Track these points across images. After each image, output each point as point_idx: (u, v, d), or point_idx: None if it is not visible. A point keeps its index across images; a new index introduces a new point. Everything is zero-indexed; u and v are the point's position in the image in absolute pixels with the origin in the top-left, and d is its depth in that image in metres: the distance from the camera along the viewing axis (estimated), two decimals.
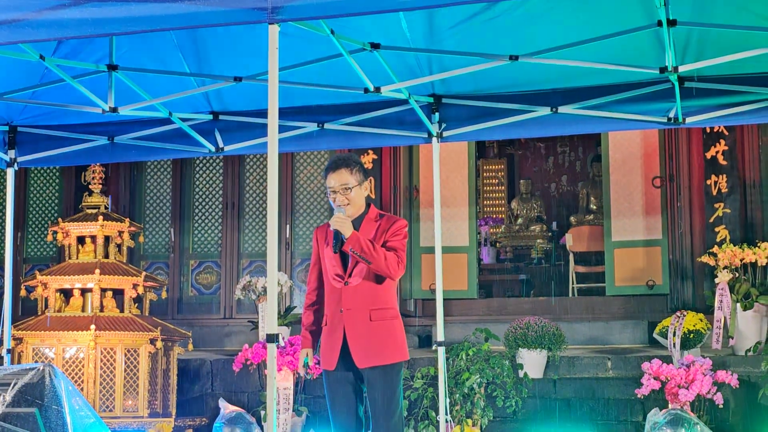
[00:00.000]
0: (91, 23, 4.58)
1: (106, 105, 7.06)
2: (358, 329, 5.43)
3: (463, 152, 12.06)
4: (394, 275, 5.42)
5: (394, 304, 5.57)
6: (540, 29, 6.57)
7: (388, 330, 5.47)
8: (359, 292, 5.45)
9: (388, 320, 5.49)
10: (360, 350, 5.42)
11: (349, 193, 5.50)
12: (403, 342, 5.57)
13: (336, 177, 5.53)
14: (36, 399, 5.26)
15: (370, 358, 5.43)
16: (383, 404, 5.44)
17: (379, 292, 5.47)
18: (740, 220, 10.47)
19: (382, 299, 5.48)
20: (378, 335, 5.43)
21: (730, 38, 6.31)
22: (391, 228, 5.49)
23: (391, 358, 5.47)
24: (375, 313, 5.44)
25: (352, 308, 5.44)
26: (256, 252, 12.01)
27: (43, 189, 12.70)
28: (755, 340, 9.14)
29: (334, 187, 5.52)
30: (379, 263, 5.32)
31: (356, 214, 5.55)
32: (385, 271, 5.35)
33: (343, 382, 5.53)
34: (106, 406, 8.70)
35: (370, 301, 5.45)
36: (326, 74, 7.08)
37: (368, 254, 5.29)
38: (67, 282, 9.03)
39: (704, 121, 7.36)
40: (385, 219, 5.56)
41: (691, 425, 7.65)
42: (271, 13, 4.48)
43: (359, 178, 5.55)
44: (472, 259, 11.98)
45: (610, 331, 10.97)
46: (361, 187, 5.56)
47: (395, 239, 5.46)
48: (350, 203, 5.51)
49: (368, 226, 5.51)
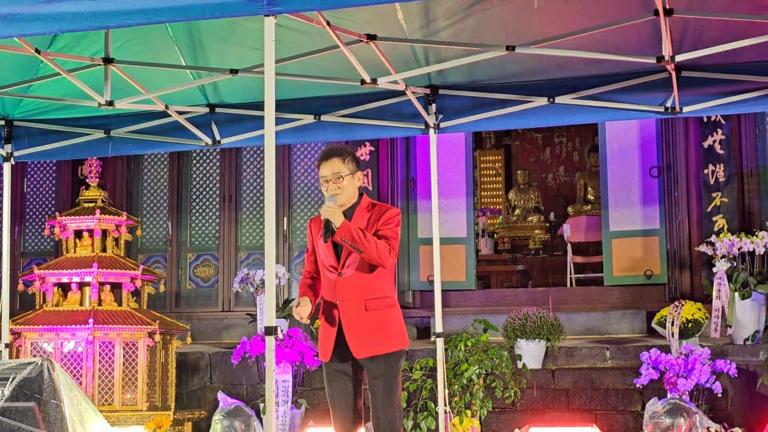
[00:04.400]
0: (86, 16, 4.57)
1: (102, 98, 7.06)
2: (353, 319, 5.41)
3: (460, 143, 12.05)
4: (386, 263, 5.40)
5: (390, 293, 5.55)
6: (536, 19, 6.56)
7: (384, 319, 5.45)
8: (354, 282, 5.43)
9: (384, 309, 5.46)
10: (356, 340, 5.41)
11: (341, 182, 5.50)
12: (401, 330, 5.54)
13: (328, 166, 5.53)
14: (34, 393, 5.26)
15: (367, 348, 5.41)
16: (381, 394, 5.43)
17: (374, 281, 5.45)
18: (738, 209, 10.47)
19: (377, 288, 5.46)
20: (374, 324, 5.41)
21: (727, 27, 6.30)
22: (383, 216, 5.48)
23: (389, 347, 5.45)
24: (370, 302, 5.43)
25: (347, 299, 5.43)
26: (254, 244, 12.00)
27: (40, 183, 12.68)
28: (753, 328, 9.15)
29: (326, 176, 5.53)
30: (370, 252, 5.30)
31: (348, 203, 5.54)
32: (376, 259, 5.34)
33: (341, 373, 5.52)
34: (105, 399, 8.70)
35: (366, 291, 5.43)
36: (323, 66, 7.07)
37: (359, 243, 5.27)
38: (65, 276, 9.03)
39: (701, 111, 7.37)
40: (377, 208, 5.56)
41: (690, 414, 7.66)
42: (267, 4, 4.47)
43: (351, 167, 5.55)
44: (470, 251, 11.97)
45: (609, 321, 10.97)
46: (354, 177, 5.56)
47: (387, 227, 5.44)
48: (342, 192, 5.50)
49: (360, 215, 5.50)
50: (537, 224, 16.39)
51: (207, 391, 9.85)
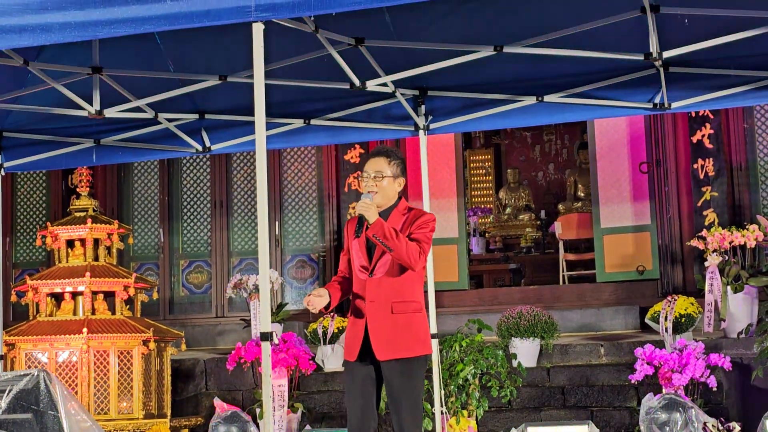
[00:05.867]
0: (74, 27, 4.56)
1: (91, 108, 7.04)
2: (379, 321, 5.40)
3: (449, 144, 12.08)
4: (415, 265, 5.38)
5: (418, 297, 5.52)
6: (524, 19, 6.57)
7: (409, 323, 5.44)
8: (383, 284, 5.43)
9: (410, 313, 5.45)
10: (380, 342, 5.40)
11: (381, 181, 5.49)
12: (425, 336, 5.51)
13: (373, 163, 5.54)
14: (31, 405, 5.25)
15: (390, 351, 5.39)
16: (401, 398, 5.40)
17: (403, 284, 5.44)
18: (728, 203, 10.50)
19: (406, 292, 5.45)
20: (399, 328, 5.40)
21: (713, 22, 6.32)
22: (418, 220, 5.48)
23: (411, 352, 5.42)
24: (397, 305, 5.42)
25: (376, 300, 5.43)
26: (246, 250, 12.00)
27: (31, 193, 12.66)
28: (747, 322, 9.18)
29: (368, 173, 5.52)
30: (400, 251, 5.29)
31: (385, 205, 5.53)
32: (405, 260, 5.33)
33: (363, 374, 5.49)
34: (101, 408, 8.69)
35: (394, 294, 5.42)
36: (312, 70, 7.07)
37: (390, 241, 5.25)
38: (58, 286, 9.01)
39: (689, 106, 7.39)
40: (414, 212, 5.56)
41: (686, 409, 7.68)
42: (255, 11, 4.47)
43: (395, 171, 5.54)
44: (462, 250, 12.00)
45: (602, 317, 10.99)
46: (395, 180, 5.55)
47: (420, 231, 5.44)
48: (379, 192, 5.49)
49: (396, 217, 5.50)
50: (528, 222, 16.41)
51: (203, 398, 9.84)
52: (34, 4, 4.61)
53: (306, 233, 11.86)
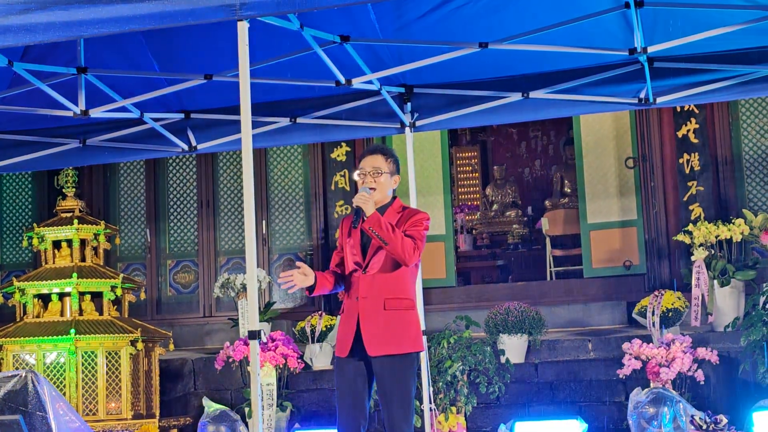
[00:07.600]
0: (59, 27, 4.55)
1: (77, 108, 7.02)
2: (372, 317, 5.42)
3: (436, 141, 12.07)
4: (408, 261, 5.40)
5: (410, 295, 5.55)
6: (508, 15, 6.58)
7: (401, 319, 5.46)
8: (377, 280, 5.45)
9: (403, 310, 5.47)
10: (372, 338, 5.41)
11: (379, 177, 5.52)
12: (416, 333, 5.53)
13: (370, 160, 5.57)
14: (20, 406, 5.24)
15: (382, 346, 5.40)
16: (391, 395, 5.41)
17: (397, 281, 5.46)
18: (714, 197, 10.53)
19: (399, 289, 5.47)
20: (391, 324, 5.41)
21: (698, 17, 6.34)
22: (413, 218, 5.51)
23: (403, 348, 5.44)
24: (390, 302, 5.44)
25: (368, 296, 5.44)
26: (233, 249, 11.99)
27: (16, 194, 12.62)
28: (733, 315, 9.21)
29: (365, 169, 5.55)
30: (395, 245, 5.32)
31: (381, 202, 5.55)
32: (400, 254, 5.35)
33: (353, 371, 5.50)
34: (89, 409, 8.67)
35: (387, 290, 5.45)
36: (297, 68, 7.07)
37: (386, 234, 5.29)
38: (45, 287, 8.99)
39: (674, 101, 7.41)
40: (408, 210, 5.61)
41: (674, 403, 7.71)
42: (239, 9, 4.47)
43: (392, 168, 5.58)
44: (449, 247, 12.00)
45: (589, 313, 11.01)
46: (392, 177, 5.59)
47: (414, 228, 5.47)
48: (377, 188, 5.52)
49: (391, 215, 5.53)
50: (515, 219, 16.41)
51: (191, 398, 9.83)
52: (18, 4, 4.60)
53: (293, 232, 11.85)
